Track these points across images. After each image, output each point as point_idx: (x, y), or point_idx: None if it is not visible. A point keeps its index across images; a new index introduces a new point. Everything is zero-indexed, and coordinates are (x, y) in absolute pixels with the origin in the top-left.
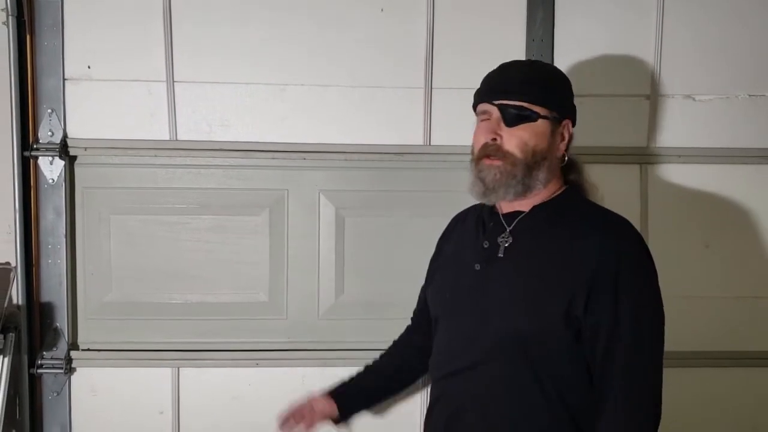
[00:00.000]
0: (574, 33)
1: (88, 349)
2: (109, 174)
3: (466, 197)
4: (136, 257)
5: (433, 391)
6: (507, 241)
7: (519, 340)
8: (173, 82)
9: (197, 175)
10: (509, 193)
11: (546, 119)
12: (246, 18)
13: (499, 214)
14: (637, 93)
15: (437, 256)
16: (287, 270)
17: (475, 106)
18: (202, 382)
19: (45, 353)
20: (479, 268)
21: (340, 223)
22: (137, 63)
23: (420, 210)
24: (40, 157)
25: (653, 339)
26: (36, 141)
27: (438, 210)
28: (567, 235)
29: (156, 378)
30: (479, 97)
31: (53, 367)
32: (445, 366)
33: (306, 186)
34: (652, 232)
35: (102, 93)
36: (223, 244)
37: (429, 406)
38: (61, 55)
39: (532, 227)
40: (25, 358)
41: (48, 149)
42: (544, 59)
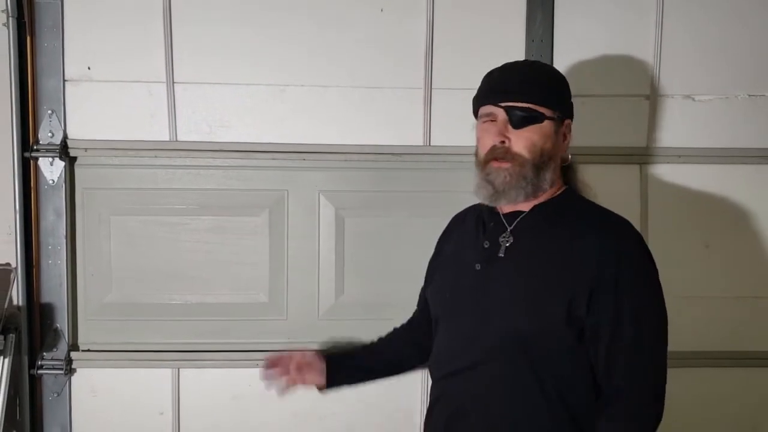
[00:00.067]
0: (573, 33)
1: (88, 350)
2: (110, 175)
3: (465, 198)
4: (136, 258)
5: (433, 391)
6: (508, 241)
7: (519, 339)
8: (173, 82)
9: (197, 176)
10: (520, 195)
11: (551, 120)
12: (246, 18)
13: (500, 214)
14: (637, 93)
15: (437, 256)
16: (287, 270)
17: (478, 108)
18: (202, 382)
19: (45, 354)
20: (480, 268)
21: (339, 224)
22: (137, 64)
23: (420, 210)
24: (40, 158)
25: (655, 338)
26: (36, 142)
27: (438, 210)
28: (568, 235)
29: (156, 378)
30: (483, 100)
31: (53, 368)
32: (446, 366)
33: (306, 186)
34: (651, 232)
35: (102, 94)
36: (223, 244)
37: (429, 406)
38: (61, 56)
39: (532, 227)
40: (26, 358)
41: (48, 150)
42: (543, 59)
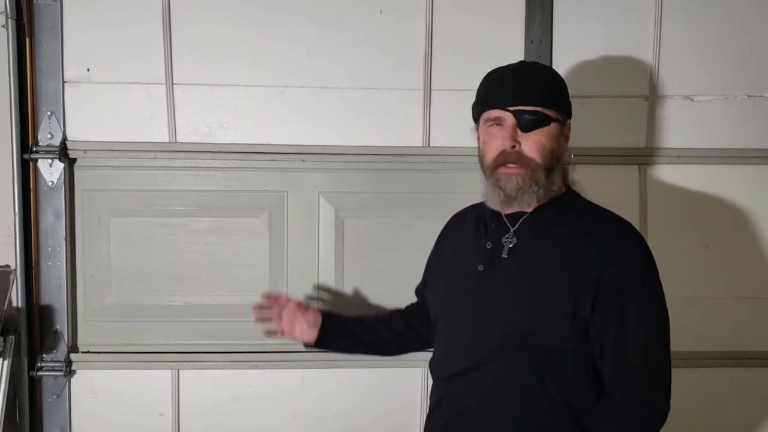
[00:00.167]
0: (572, 34)
1: (88, 352)
2: (109, 176)
3: (465, 198)
4: (135, 259)
5: (435, 393)
6: (511, 242)
7: (523, 340)
8: (173, 84)
9: (197, 177)
10: (532, 200)
11: (557, 122)
12: (246, 19)
13: (502, 214)
14: (636, 94)
15: (436, 256)
16: (287, 272)
17: (481, 112)
18: (202, 383)
19: (45, 356)
20: (482, 268)
21: (339, 225)
22: (136, 65)
23: (419, 211)
24: (39, 160)
25: (660, 336)
26: (35, 143)
27: (437, 211)
28: (570, 236)
29: (156, 380)
30: (487, 104)
31: (53, 370)
32: (448, 367)
33: (305, 188)
34: (651, 232)
35: (101, 95)
36: (223, 246)
37: (431, 407)
38: (61, 58)
39: (535, 228)
40: (25, 360)
41: (47, 152)
42: (542, 60)
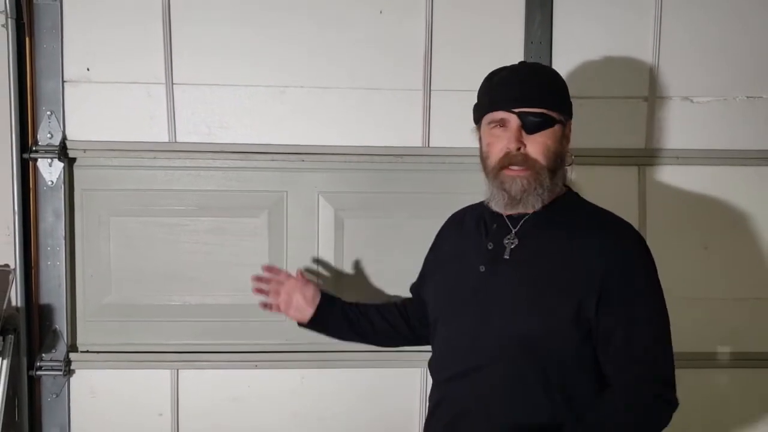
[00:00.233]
0: (572, 34)
1: (87, 351)
2: (109, 176)
3: (464, 198)
4: (135, 259)
5: (435, 393)
6: (513, 243)
7: (526, 341)
8: (172, 84)
9: (196, 177)
10: (537, 202)
11: (560, 123)
12: (245, 19)
13: (503, 215)
14: (636, 95)
15: (434, 256)
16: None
17: (484, 114)
18: (201, 383)
19: (44, 355)
20: (484, 269)
21: (339, 225)
22: (136, 65)
23: (419, 211)
24: (39, 159)
25: (665, 335)
26: (35, 143)
27: (437, 212)
28: (572, 237)
29: (155, 379)
30: (491, 106)
31: (52, 369)
32: (449, 368)
33: (305, 188)
34: (650, 233)
35: (101, 95)
36: (222, 245)
37: (431, 408)
38: (60, 58)
39: (537, 229)
40: (24, 360)
41: (47, 151)
42: (542, 61)
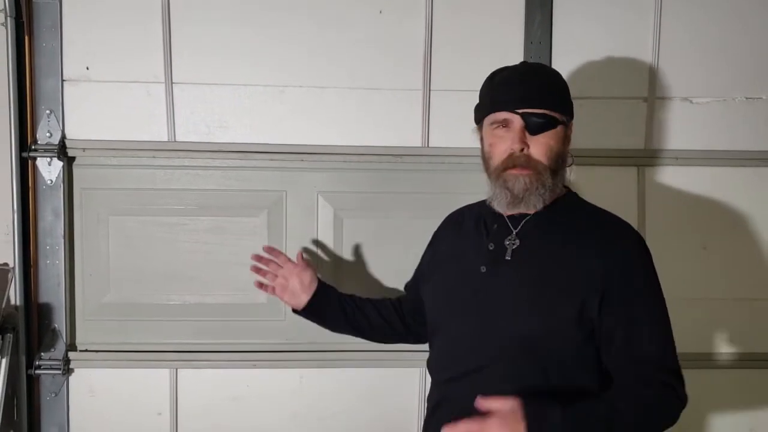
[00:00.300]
0: (572, 35)
1: (86, 350)
2: (108, 175)
3: (464, 199)
4: (134, 258)
5: (435, 394)
6: (514, 244)
7: (527, 341)
8: (172, 83)
9: (196, 177)
10: (539, 202)
11: (563, 124)
12: (245, 19)
13: (504, 216)
14: (635, 95)
15: (431, 256)
16: None
17: (486, 114)
18: (200, 383)
19: (43, 354)
20: (485, 270)
21: (338, 225)
22: (136, 64)
23: (418, 211)
24: (38, 158)
25: (669, 333)
26: (34, 142)
27: (436, 212)
28: (573, 238)
29: (154, 379)
30: (494, 106)
31: (51, 368)
32: (449, 368)
33: (304, 187)
34: (649, 234)
35: (100, 94)
36: (222, 245)
37: (430, 408)
38: (60, 56)
39: (538, 230)
40: (23, 358)
41: (46, 150)
42: (542, 61)
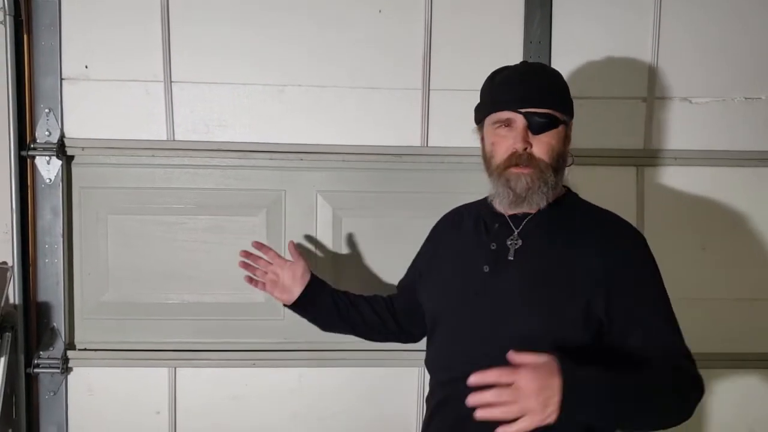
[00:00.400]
0: (571, 34)
1: (84, 349)
2: (107, 174)
3: (463, 198)
4: (133, 257)
5: (435, 394)
6: (516, 243)
7: (533, 341)
8: (171, 82)
9: (195, 176)
10: (542, 200)
11: (564, 123)
12: (245, 18)
13: (505, 215)
14: (634, 95)
15: (429, 256)
16: None
17: (487, 114)
18: (198, 382)
19: (42, 353)
20: (488, 270)
21: (337, 224)
22: (135, 63)
23: (417, 211)
24: (37, 157)
25: (677, 325)
26: (33, 140)
27: (435, 211)
28: (575, 237)
29: (153, 378)
30: (497, 105)
31: (50, 367)
32: (451, 368)
33: (303, 187)
34: (648, 234)
35: (99, 93)
36: (221, 244)
37: (431, 409)
38: (59, 55)
39: (539, 229)
40: (22, 357)
41: (45, 149)
42: (541, 61)
